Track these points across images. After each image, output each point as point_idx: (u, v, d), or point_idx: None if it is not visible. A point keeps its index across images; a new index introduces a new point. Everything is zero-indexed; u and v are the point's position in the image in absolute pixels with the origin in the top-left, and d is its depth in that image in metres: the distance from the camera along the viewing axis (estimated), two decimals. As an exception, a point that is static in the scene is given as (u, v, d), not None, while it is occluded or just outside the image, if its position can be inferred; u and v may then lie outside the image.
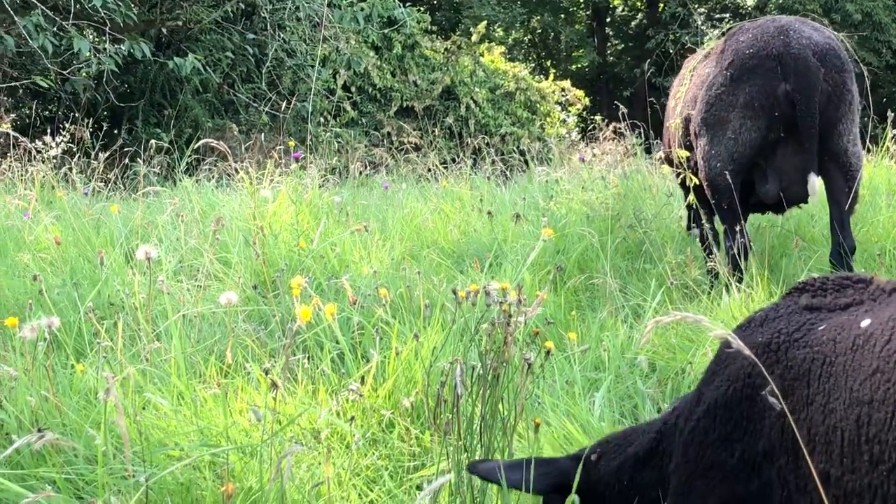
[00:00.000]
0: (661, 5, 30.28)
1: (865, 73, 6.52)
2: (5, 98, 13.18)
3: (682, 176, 6.60)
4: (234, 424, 4.17)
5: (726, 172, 6.21)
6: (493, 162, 11.71)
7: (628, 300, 5.99)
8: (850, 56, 6.39)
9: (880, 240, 7.01)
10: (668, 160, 7.12)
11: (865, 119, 6.75)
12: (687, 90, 6.78)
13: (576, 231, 7.03)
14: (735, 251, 6.14)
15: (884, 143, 10.07)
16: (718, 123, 6.19)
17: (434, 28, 19.48)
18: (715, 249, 6.84)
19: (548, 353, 3.85)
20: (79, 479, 3.90)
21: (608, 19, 32.77)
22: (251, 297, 5.84)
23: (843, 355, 2.20)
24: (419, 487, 3.95)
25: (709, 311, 5.58)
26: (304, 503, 3.66)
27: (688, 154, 6.51)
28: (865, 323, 2.22)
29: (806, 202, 6.33)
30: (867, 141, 11.60)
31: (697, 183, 6.48)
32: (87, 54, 12.97)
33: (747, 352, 2.18)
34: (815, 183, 6.09)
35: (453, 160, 12.43)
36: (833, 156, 6.14)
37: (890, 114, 10.22)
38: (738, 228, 6.27)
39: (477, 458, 3.55)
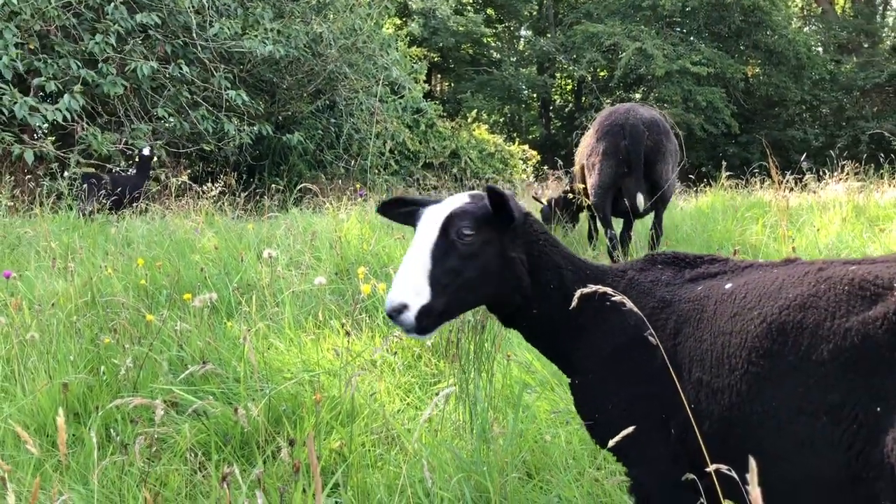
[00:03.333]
0: (583, 98, 30.18)
1: (682, 135, 6.89)
2: (184, 160, 13.16)
3: (576, 198, 7.03)
4: (323, 358, 4.15)
5: (600, 194, 6.57)
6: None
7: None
8: (672, 126, 6.69)
9: (718, 241, 6.95)
10: (572, 191, 7.36)
11: (684, 161, 7.10)
12: (580, 150, 7.07)
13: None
14: (609, 244, 6.54)
15: (719, 181, 10.04)
16: (593, 166, 6.48)
17: (444, 114, 19.45)
18: (595, 240, 7.59)
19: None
20: (228, 392, 3.87)
21: (551, 107, 32.66)
22: (333, 279, 5.81)
23: (714, 305, 2.12)
24: (437, 395, 3.92)
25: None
26: (365, 405, 3.63)
27: (584, 186, 6.77)
28: (728, 286, 2.15)
29: (640, 211, 6.57)
30: (697, 177, 11.60)
31: (588, 203, 6.86)
32: (233, 133, 12.96)
33: (637, 311, 2.11)
34: (642, 198, 6.46)
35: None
36: (653, 182, 6.50)
37: (724, 163, 10.27)
38: (609, 229, 6.64)
39: (471, 377, 3.51)
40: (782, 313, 1.96)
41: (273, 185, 10.37)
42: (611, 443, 2.02)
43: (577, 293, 2.09)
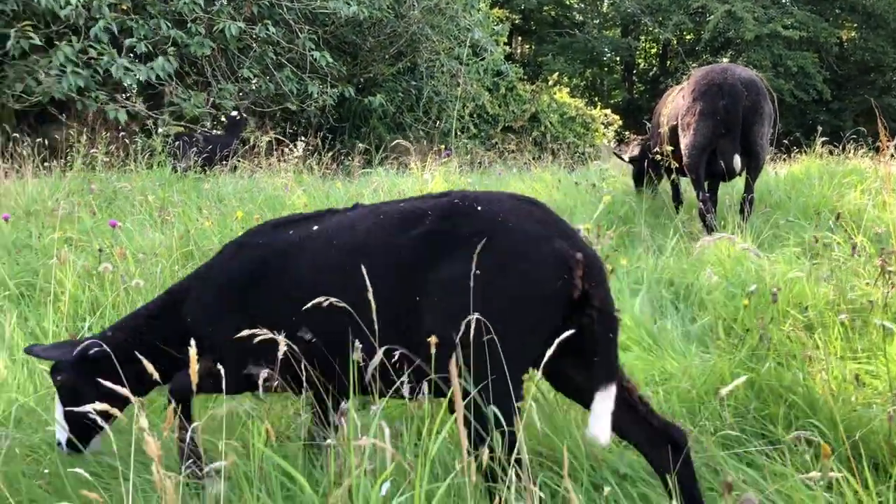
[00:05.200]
0: (669, 62, 29.51)
1: (777, 99, 6.59)
2: (268, 121, 13.38)
3: (664, 161, 6.72)
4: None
5: (695, 155, 6.32)
6: (564, 159, 11.60)
7: (655, 241, 5.87)
8: (767, 88, 6.41)
9: (814, 206, 6.76)
10: (655, 153, 7.11)
11: (778, 127, 6.85)
12: (669, 111, 6.85)
13: (620, 199, 6.91)
14: (702, 207, 6.27)
15: (814, 148, 9.72)
16: (688, 126, 6.30)
17: (524, 77, 19.25)
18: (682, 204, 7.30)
19: (612, 269, 3.79)
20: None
21: (635, 71, 32.02)
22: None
23: (320, 237, 2.64)
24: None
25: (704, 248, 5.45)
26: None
27: (672, 148, 6.57)
28: (315, 228, 2.68)
29: (736, 173, 6.35)
30: (787, 144, 11.24)
31: (677, 165, 6.61)
32: (316, 95, 13.12)
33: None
34: (739, 160, 6.20)
35: (538, 158, 12.32)
36: (749, 144, 6.24)
37: (819, 129, 9.95)
38: (701, 191, 6.38)
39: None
40: (355, 239, 2.55)
41: (360, 145, 10.45)
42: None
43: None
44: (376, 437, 2.03)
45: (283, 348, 2.31)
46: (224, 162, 9.28)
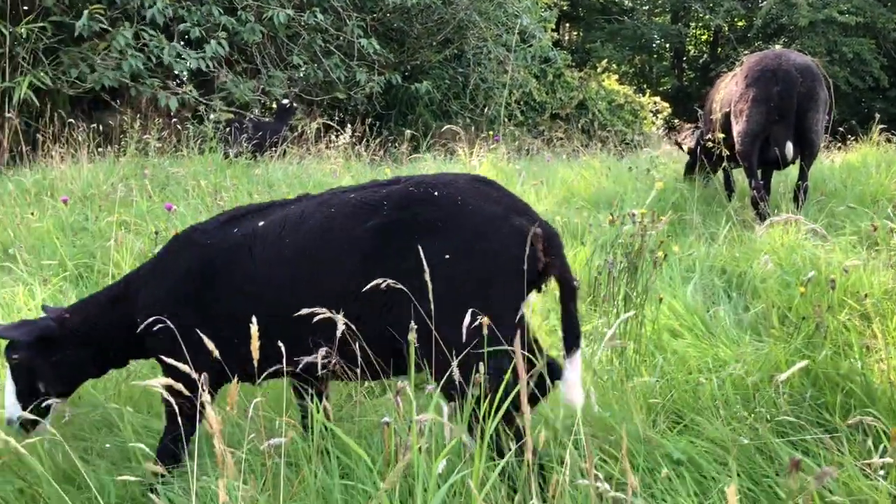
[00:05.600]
0: (720, 48, 29.03)
1: (832, 86, 6.42)
2: (315, 108, 13.48)
3: (716, 148, 6.56)
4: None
5: (748, 142, 6.23)
6: (613, 147, 11.51)
7: (707, 228, 5.81)
8: (823, 74, 6.25)
9: (871, 195, 6.63)
10: (707, 140, 6.97)
11: (834, 113, 6.68)
12: (722, 97, 6.73)
13: (671, 186, 6.85)
14: (755, 195, 6.16)
15: (871, 136, 9.52)
16: (741, 113, 6.19)
17: (572, 64, 19.09)
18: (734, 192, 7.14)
19: (665, 255, 3.77)
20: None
21: (684, 58, 31.55)
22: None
23: (268, 233, 2.67)
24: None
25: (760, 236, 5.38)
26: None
27: (724, 135, 6.46)
28: (261, 223, 2.71)
29: (789, 161, 6.25)
30: (836, 129, 11.05)
31: (730, 153, 6.49)
32: (363, 82, 13.19)
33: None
34: (791, 147, 6.12)
35: (586, 146, 12.23)
36: (803, 132, 6.13)
37: (877, 116, 9.74)
38: (754, 179, 6.28)
39: (619, 316, 3.51)
40: (309, 234, 2.57)
41: (408, 132, 10.48)
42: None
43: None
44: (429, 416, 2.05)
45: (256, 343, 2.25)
46: (273, 148, 9.38)
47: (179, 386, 1.99)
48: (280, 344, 2.43)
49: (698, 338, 3.72)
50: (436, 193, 2.46)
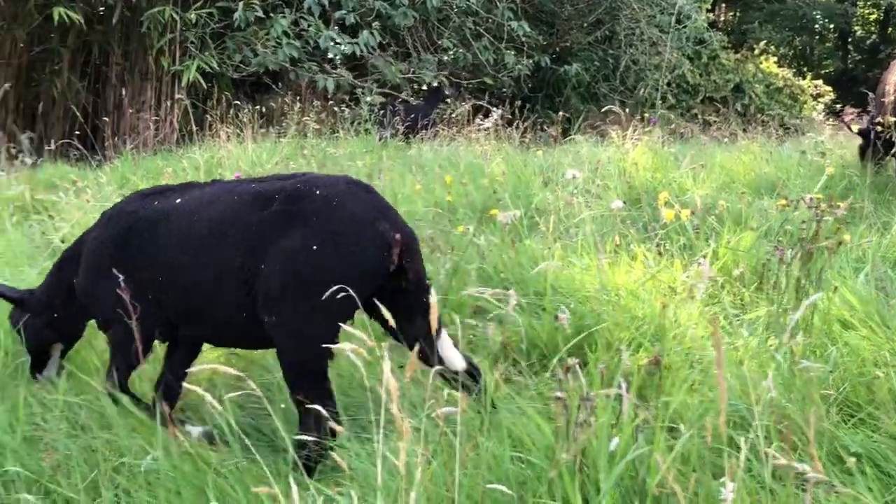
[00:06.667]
0: (890, 29, 27.24)
1: None
2: (464, 90, 13.61)
3: (886, 132, 6.21)
4: (624, 279, 4.18)
5: None
6: (773, 131, 11.05)
7: (879, 218, 5.51)
8: None
9: None
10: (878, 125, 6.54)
11: None
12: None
13: (840, 172, 6.52)
14: None
15: None
16: None
17: (728, 45, 18.39)
18: None
19: (840, 243, 3.61)
20: (529, 305, 4.04)
21: (850, 39, 29.76)
22: (623, 207, 5.81)
23: (182, 209, 3.09)
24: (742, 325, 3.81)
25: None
26: (674, 326, 3.63)
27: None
28: (178, 200, 3.12)
29: None
30: None
31: None
32: (512, 64, 13.20)
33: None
34: None
35: (744, 130, 11.77)
36: None
37: None
38: None
39: (790, 306, 3.40)
40: (215, 215, 2.97)
41: (560, 114, 10.42)
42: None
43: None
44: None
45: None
46: (424, 130, 9.57)
47: None
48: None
49: (873, 330, 3.55)
50: (317, 192, 2.86)
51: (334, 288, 2.60)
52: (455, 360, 2.85)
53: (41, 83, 11.57)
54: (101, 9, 11.42)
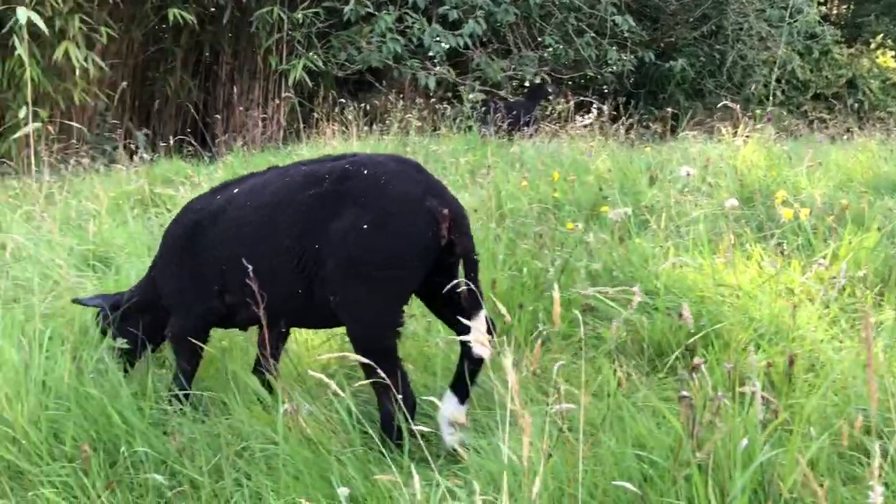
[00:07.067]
0: None
1: None
2: (565, 87, 13.52)
3: None
4: (740, 279, 4.07)
5: None
6: (891, 127, 10.57)
7: None
8: None
9: None
10: None
11: None
12: None
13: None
14: None
15: None
16: None
17: (841, 39, 17.65)
18: None
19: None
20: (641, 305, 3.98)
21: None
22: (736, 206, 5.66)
23: (239, 198, 3.22)
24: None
25: None
26: (790, 330, 3.51)
27: None
28: (236, 190, 3.28)
29: None
30: None
31: None
32: (615, 60, 13.03)
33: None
34: None
35: (861, 128, 11.29)
36: None
37: None
38: None
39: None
40: (267, 198, 3.07)
41: (668, 110, 10.24)
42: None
43: None
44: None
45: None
46: (526, 127, 9.54)
47: None
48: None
49: None
50: (365, 171, 2.91)
51: (389, 267, 2.75)
52: (482, 348, 2.79)
53: (155, 82, 12.06)
54: (213, 9, 11.81)
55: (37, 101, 8.98)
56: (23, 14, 6.97)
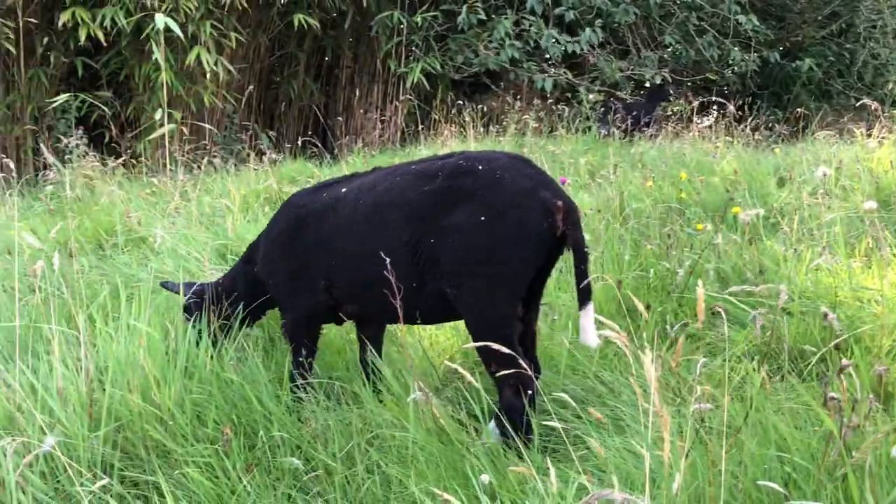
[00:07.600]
0: None
1: None
2: (686, 87, 13.23)
3: None
4: (882, 283, 3.90)
5: None
6: None
7: None
8: None
9: None
10: None
11: None
12: None
13: None
14: None
15: None
16: None
17: None
18: None
19: None
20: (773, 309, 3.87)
21: None
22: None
23: (348, 197, 3.30)
24: None
25: None
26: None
27: None
28: (344, 189, 3.35)
29: None
30: None
31: None
32: (738, 60, 12.67)
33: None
34: None
35: None
36: None
37: None
38: None
39: None
40: (378, 197, 3.15)
41: (798, 110, 9.88)
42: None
43: None
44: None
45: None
46: (646, 128, 9.40)
47: None
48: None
49: None
50: (479, 167, 2.97)
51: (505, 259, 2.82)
52: (590, 335, 2.82)
53: (280, 85, 12.46)
54: (335, 14, 12.12)
55: (170, 103, 9.43)
56: (161, 20, 7.33)
